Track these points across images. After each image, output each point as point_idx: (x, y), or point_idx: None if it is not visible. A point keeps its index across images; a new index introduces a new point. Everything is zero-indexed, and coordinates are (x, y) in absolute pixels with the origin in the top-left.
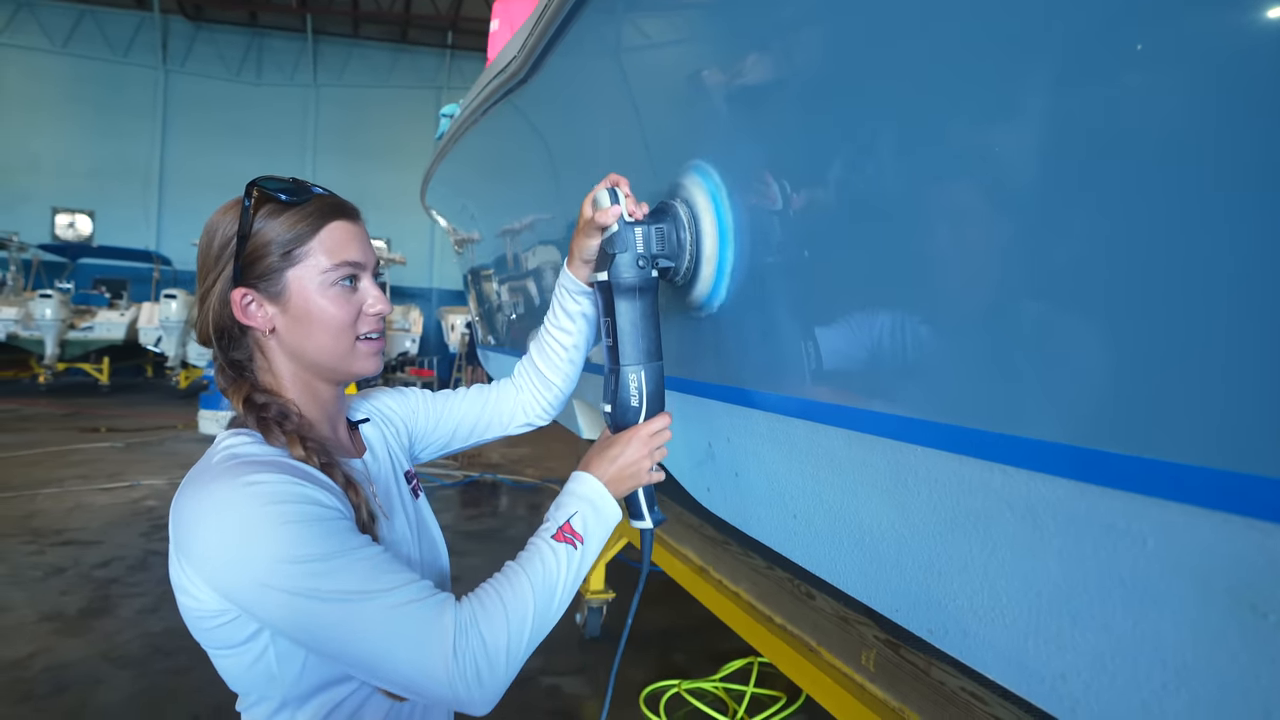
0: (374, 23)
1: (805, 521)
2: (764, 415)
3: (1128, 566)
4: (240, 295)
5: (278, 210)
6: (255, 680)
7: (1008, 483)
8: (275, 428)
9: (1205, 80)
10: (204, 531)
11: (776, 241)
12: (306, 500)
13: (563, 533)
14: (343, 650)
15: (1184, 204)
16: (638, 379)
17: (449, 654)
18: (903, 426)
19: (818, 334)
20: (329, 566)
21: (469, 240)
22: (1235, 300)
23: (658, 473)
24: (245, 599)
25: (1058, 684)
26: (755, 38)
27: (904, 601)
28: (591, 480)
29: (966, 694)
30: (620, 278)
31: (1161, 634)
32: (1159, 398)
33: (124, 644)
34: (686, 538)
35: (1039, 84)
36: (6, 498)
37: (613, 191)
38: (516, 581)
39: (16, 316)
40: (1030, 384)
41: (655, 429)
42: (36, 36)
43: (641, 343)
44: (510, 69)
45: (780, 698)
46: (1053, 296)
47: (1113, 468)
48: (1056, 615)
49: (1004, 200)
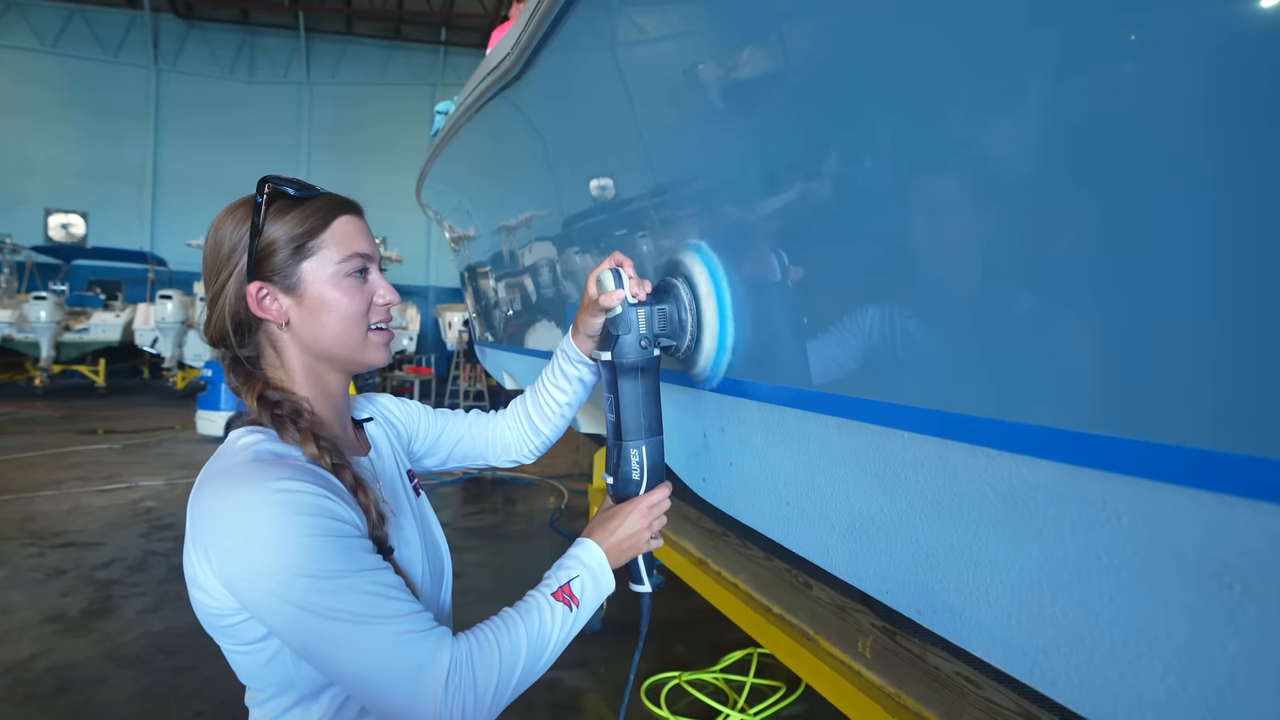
0: (367, 19)
1: (798, 508)
2: (756, 405)
3: (1103, 543)
4: (256, 289)
5: (288, 206)
6: (270, 676)
7: (990, 465)
8: (289, 424)
9: (1178, 68)
10: (227, 532)
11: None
12: (329, 515)
13: (562, 593)
14: (337, 667)
15: (1157, 186)
16: (639, 454)
17: (440, 688)
18: (889, 413)
19: (809, 328)
20: (339, 585)
21: (465, 237)
22: (1200, 282)
23: (656, 540)
24: (253, 603)
25: (1039, 659)
26: (748, 31)
27: (894, 584)
28: (595, 548)
29: (961, 678)
30: (624, 358)
31: (1136, 608)
32: (1133, 379)
33: (126, 644)
34: (686, 530)
35: (1022, 87)
36: (5, 500)
37: (616, 273)
38: (514, 630)
39: (11, 319)
40: (1011, 369)
41: (654, 501)
42: (26, 36)
43: (643, 419)
44: (504, 65)
45: (780, 687)
46: (1028, 284)
47: (1089, 448)
48: (1037, 593)
49: (984, 188)
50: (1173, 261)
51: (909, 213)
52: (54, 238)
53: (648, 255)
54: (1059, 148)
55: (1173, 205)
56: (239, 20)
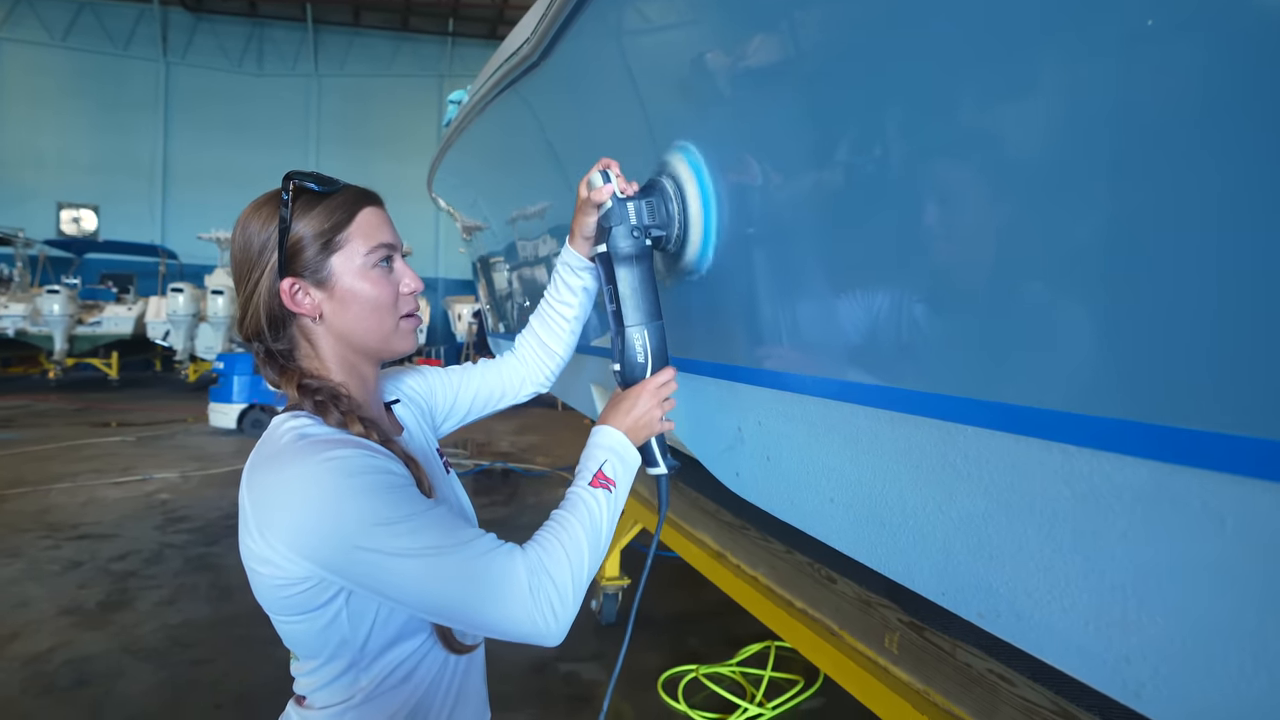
0: (374, 10)
1: (843, 506)
2: (798, 398)
3: (1203, 548)
4: (289, 285)
5: (313, 201)
6: (326, 643)
7: (1068, 462)
8: (332, 408)
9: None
10: (293, 505)
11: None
12: (381, 470)
13: (598, 479)
14: (432, 601)
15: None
16: (642, 338)
17: (526, 595)
18: (951, 406)
19: (855, 312)
20: (412, 526)
21: (477, 228)
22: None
23: (668, 422)
24: (336, 563)
25: (1121, 667)
26: (767, 17)
27: (952, 585)
28: (613, 432)
29: (994, 675)
30: (618, 248)
31: (1242, 617)
32: (1242, 366)
33: (143, 636)
34: (703, 523)
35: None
36: (22, 493)
37: (605, 174)
38: (569, 526)
39: (25, 313)
40: (1091, 358)
41: (662, 381)
42: (36, 30)
43: (643, 304)
44: (523, 51)
45: (798, 681)
46: (1121, 258)
47: (1187, 444)
48: (1121, 598)
49: (1058, 168)
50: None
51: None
52: (66, 231)
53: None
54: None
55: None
56: (247, 13)
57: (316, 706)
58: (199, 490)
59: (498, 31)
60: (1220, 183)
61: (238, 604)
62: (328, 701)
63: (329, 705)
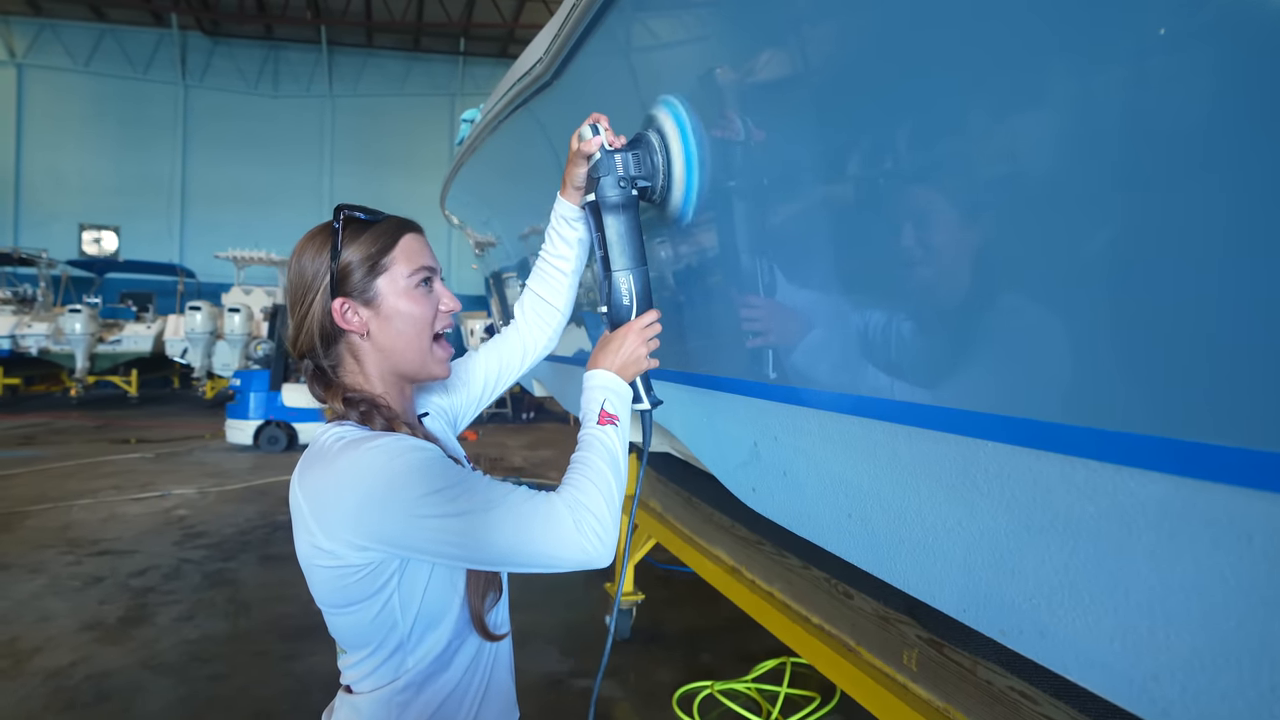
0: (387, 32)
1: (862, 521)
2: (815, 413)
3: (1231, 564)
4: (340, 304)
5: (360, 229)
6: (376, 630)
7: (1091, 478)
8: (376, 415)
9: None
10: (351, 492)
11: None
12: (420, 449)
13: (603, 417)
14: (489, 552)
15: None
16: (628, 281)
17: (570, 526)
18: (971, 421)
19: (872, 326)
20: (461, 489)
21: (489, 244)
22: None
23: (653, 360)
24: (399, 535)
25: (1149, 685)
26: (781, 34)
27: (973, 602)
28: (604, 373)
29: (1015, 693)
30: (605, 197)
31: (1270, 634)
32: (1268, 380)
33: (163, 652)
34: (718, 538)
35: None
36: (44, 509)
37: (594, 126)
38: (590, 464)
39: (47, 332)
40: (1114, 373)
41: (647, 322)
42: (60, 56)
43: (629, 250)
44: (535, 71)
45: (815, 698)
46: (1143, 270)
47: (1213, 460)
48: (1148, 615)
49: (1073, 170)
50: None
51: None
52: (87, 252)
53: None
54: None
55: None
56: (263, 36)
57: (365, 691)
58: (216, 506)
59: (509, 51)
60: (1253, 196)
61: (254, 619)
62: (376, 685)
63: (377, 688)
